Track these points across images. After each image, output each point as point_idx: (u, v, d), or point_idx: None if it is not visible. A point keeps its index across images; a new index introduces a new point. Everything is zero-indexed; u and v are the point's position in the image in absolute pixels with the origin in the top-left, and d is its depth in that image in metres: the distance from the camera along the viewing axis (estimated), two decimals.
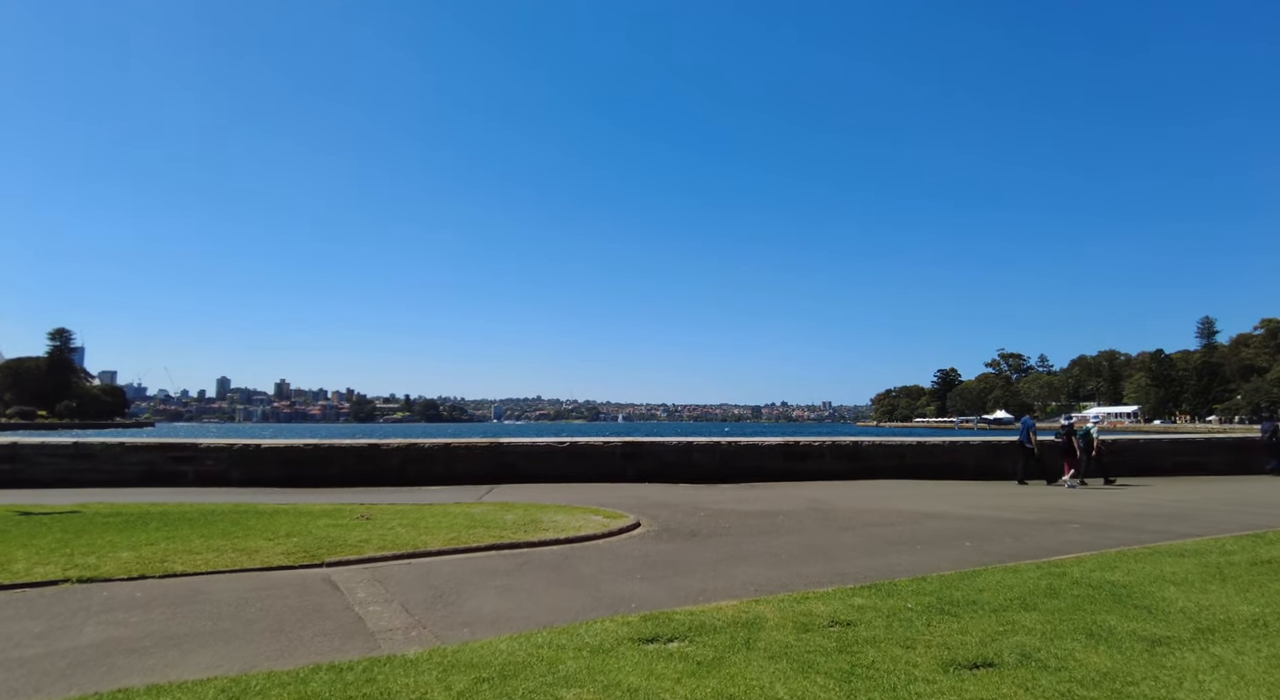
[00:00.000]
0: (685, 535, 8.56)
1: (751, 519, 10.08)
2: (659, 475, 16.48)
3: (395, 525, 8.28)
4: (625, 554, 7.29)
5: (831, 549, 7.72)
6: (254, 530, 7.82)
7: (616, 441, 16.74)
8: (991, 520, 10.13)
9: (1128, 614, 4.33)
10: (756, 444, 17.18)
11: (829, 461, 17.38)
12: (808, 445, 17.46)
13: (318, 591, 5.66)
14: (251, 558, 6.55)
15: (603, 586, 5.83)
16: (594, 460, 16.51)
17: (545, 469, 16.30)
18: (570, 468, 16.38)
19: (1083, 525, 9.58)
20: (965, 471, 17.97)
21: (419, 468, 16.06)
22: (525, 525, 8.49)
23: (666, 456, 16.78)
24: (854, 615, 4.52)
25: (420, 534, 7.73)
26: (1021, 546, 7.94)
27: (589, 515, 9.75)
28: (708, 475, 16.60)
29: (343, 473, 15.87)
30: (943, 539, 8.46)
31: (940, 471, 17.77)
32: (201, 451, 15.89)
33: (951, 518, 10.37)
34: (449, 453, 16.22)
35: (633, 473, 16.52)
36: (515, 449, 16.36)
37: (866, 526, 9.46)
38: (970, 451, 18.24)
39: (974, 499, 12.97)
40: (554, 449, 16.46)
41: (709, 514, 10.58)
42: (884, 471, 17.53)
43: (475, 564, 6.72)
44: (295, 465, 15.93)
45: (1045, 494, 14.20)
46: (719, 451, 16.96)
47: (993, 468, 18.13)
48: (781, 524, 9.60)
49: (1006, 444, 18.61)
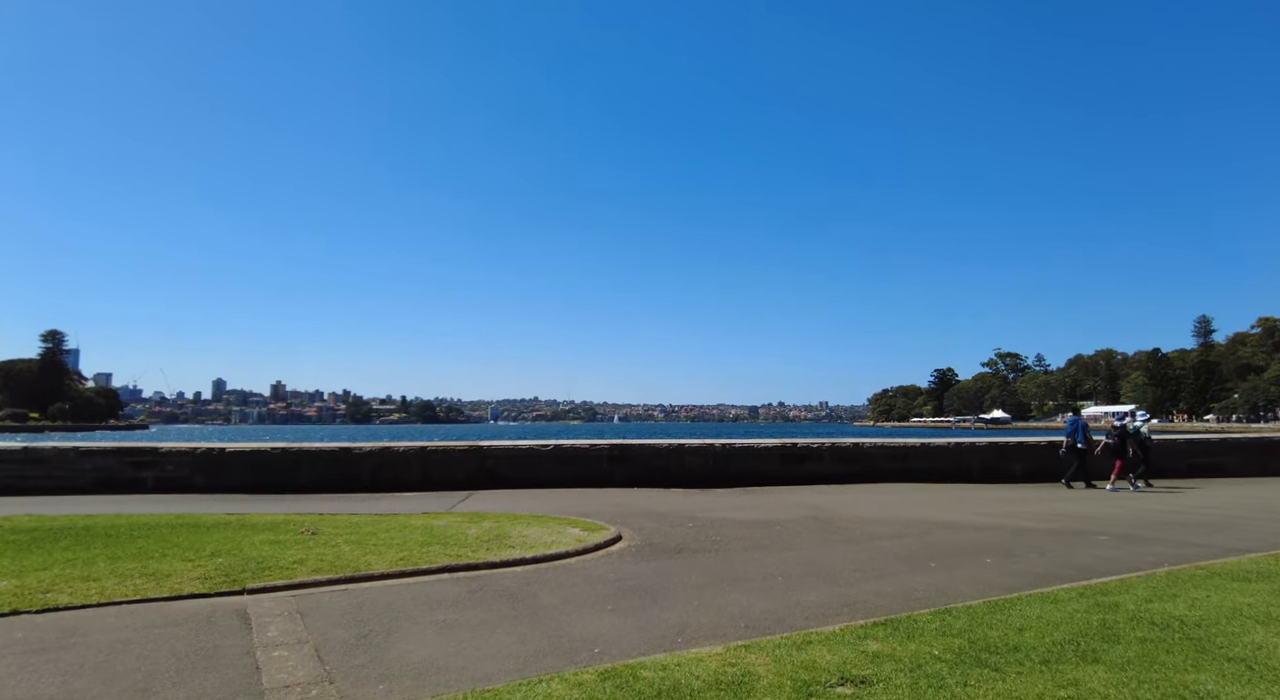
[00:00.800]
0: (670, 551, 7.62)
1: (745, 530, 9.15)
2: (649, 480, 15.54)
3: (342, 542, 7.32)
4: (598, 577, 6.34)
5: (835, 568, 6.78)
6: (177, 548, 6.85)
7: (604, 444, 15.79)
8: (1009, 530, 9.21)
9: (1223, 670, 3.37)
10: (752, 446, 16.26)
11: (828, 464, 16.46)
12: (806, 447, 16.53)
13: (222, 628, 4.70)
14: (160, 584, 5.59)
15: (564, 622, 4.88)
16: (580, 464, 15.56)
17: (527, 474, 15.35)
18: (555, 472, 15.43)
19: (1112, 537, 8.66)
20: (971, 474, 17.06)
21: (392, 473, 15.10)
22: (489, 541, 7.54)
23: (657, 460, 15.84)
24: (868, 668, 3.57)
25: (366, 553, 6.78)
26: (1050, 563, 7.01)
27: (565, 527, 8.81)
28: (701, 479, 15.67)
29: (312, 478, 14.90)
30: (959, 554, 7.53)
31: (945, 474, 16.86)
32: (162, 456, 14.90)
33: (964, 528, 9.45)
34: (424, 457, 15.25)
35: (621, 477, 15.58)
36: (495, 453, 15.41)
37: (872, 539, 8.53)
38: (976, 453, 17.33)
39: (985, 505, 12.05)
40: (537, 453, 15.51)
41: (699, 524, 9.64)
42: (886, 475, 16.62)
43: (421, 591, 5.76)
44: (262, 471, 14.96)
45: (1064, 499, 13.27)
46: (712, 454, 16.02)
47: (1000, 470, 17.23)
48: (778, 536, 8.66)
49: (1014, 445, 17.72)
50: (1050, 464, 17.47)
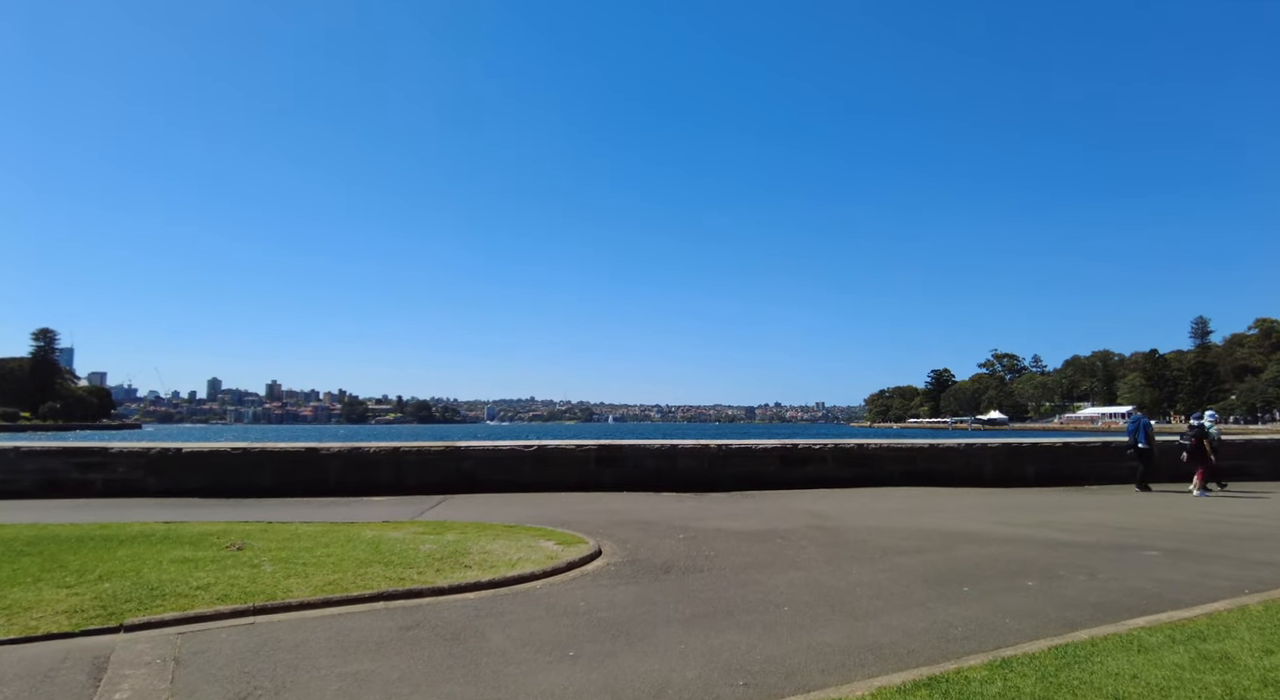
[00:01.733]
0: (656, 571, 6.51)
1: (743, 543, 8.05)
2: (639, 483, 14.44)
3: (268, 560, 6.19)
4: (566, 607, 5.23)
5: (850, 594, 5.69)
6: (63, 570, 5.72)
7: (591, 445, 14.68)
8: (1042, 544, 8.13)
9: None
10: (750, 448, 15.16)
11: (831, 467, 15.38)
12: (807, 448, 15.44)
13: (60, 688, 3.59)
14: (11, 621, 4.46)
15: (510, 677, 3.77)
16: (565, 466, 14.45)
17: (508, 477, 14.23)
18: (537, 475, 14.32)
19: (1163, 553, 7.58)
20: (983, 478, 16.00)
21: (361, 476, 13.97)
22: (444, 559, 6.42)
23: (648, 462, 14.73)
24: None
25: (289, 575, 5.65)
26: (1103, 588, 5.92)
27: (537, 540, 7.69)
28: (695, 483, 14.57)
29: (274, 481, 13.76)
30: (992, 574, 6.44)
31: (955, 478, 15.79)
32: (113, 457, 13.74)
33: (990, 540, 8.37)
34: (396, 459, 14.12)
35: (609, 480, 14.47)
36: (473, 454, 14.28)
37: (888, 554, 7.43)
38: (989, 455, 16.25)
39: (1006, 513, 10.97)
40: (519, 454, 14.40)
41: (691, 536, 8.53)
42: (892, 478, 15.54)
43: (343, 626, 4.64)
44: (222, 473, 13.82)
45: (1089, 506, 12.17)
46: (708, 456, 14.92)
47: (1013, 473, 16.16)
48: (781, 551, 7.57)
49: (1028, 446, 16.64)
50: (1065, 467, 16.44)
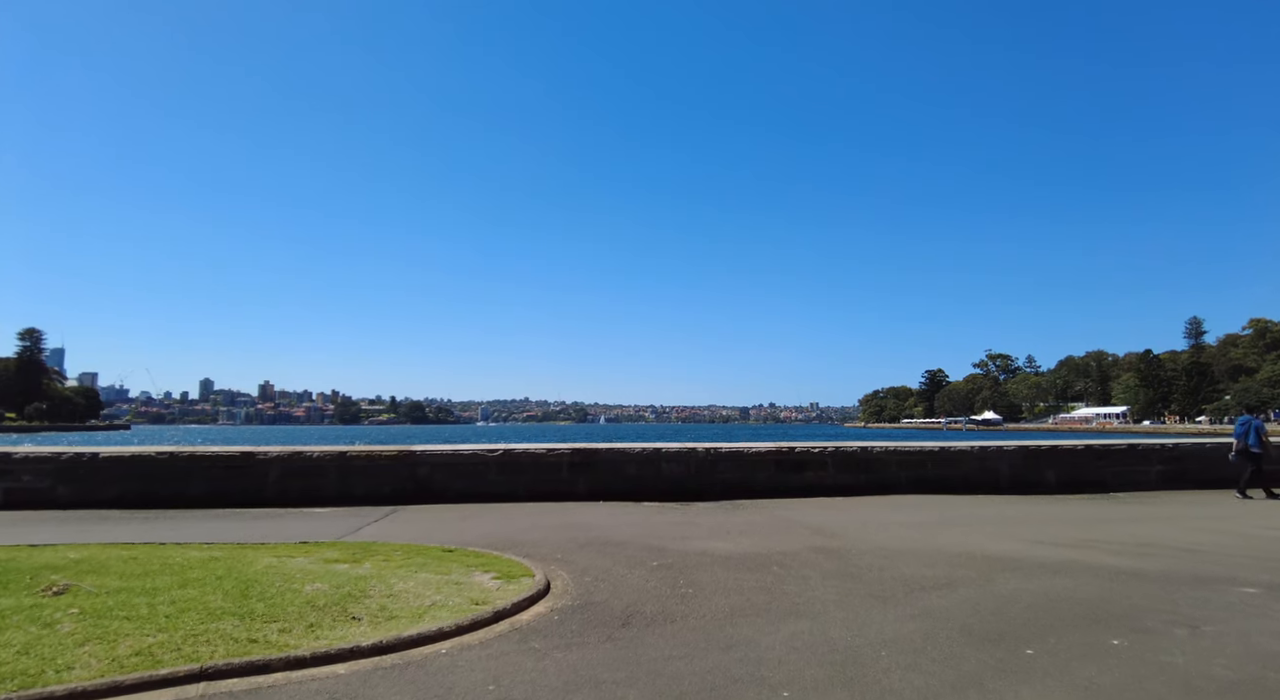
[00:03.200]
0: (611, 623, 4.91)
1: (730, 574, 6.47)
2: (619, 491, 12.85)
3: (78, 612, 4.55)
4: (466, 691, 3.63)
5: (874, 664, 4.11)
6: None
7: (564, 449, 13.07)
8: (1099, 573, 6.57)
9: None
10: (742, 451, 13.58)
11: (832, 473, 13.81)
12: (805, 452, 13.86)
13: None
14: None
15: None
16: (534, 473, 12.85)
17: (469, 484, 12.61)
18: (503, 483, 12.70)
19: (1262, 589, 6.01)
20: (999, 484, 14.45)
21: (303, 484, 12.33)
22: (330, 606, 4.80)
23: (628, 468, 13.14)
24: None
25: (94, 637, 4.02)
26: (1227, 654, 4.33)
27: (472, 573, 6.09)
28: (681, 490, 12.99)
29: (206, 490, 12.12)
30: (1057, 624, 4.88)
31: (969, 484, 14.24)
32: (16, 464, 12.07)
33: (1034, 567, 6.81)
34: (343, 464, 12.49)
35: (584, 488, 12.87)
36: (431, 459, 12.66)
37: (913, 590, 5.87)
38: (1004, 459, 14.70)
39: (1037, 527, 9.42)
40: (482, 460, 12.78)
41: (666, 564, 6.94)
42: (899, 485, 13.99)
43: None
44: (146, 481, 12.17)
45: (1127, 519, 10.59)
46: (695, 460, 13.34)
47: (1031, 479, 14.62)
48: (778, 587, 5.98)
49: (1047, 449, 15.08)
50: (1089, 472, 14.90)
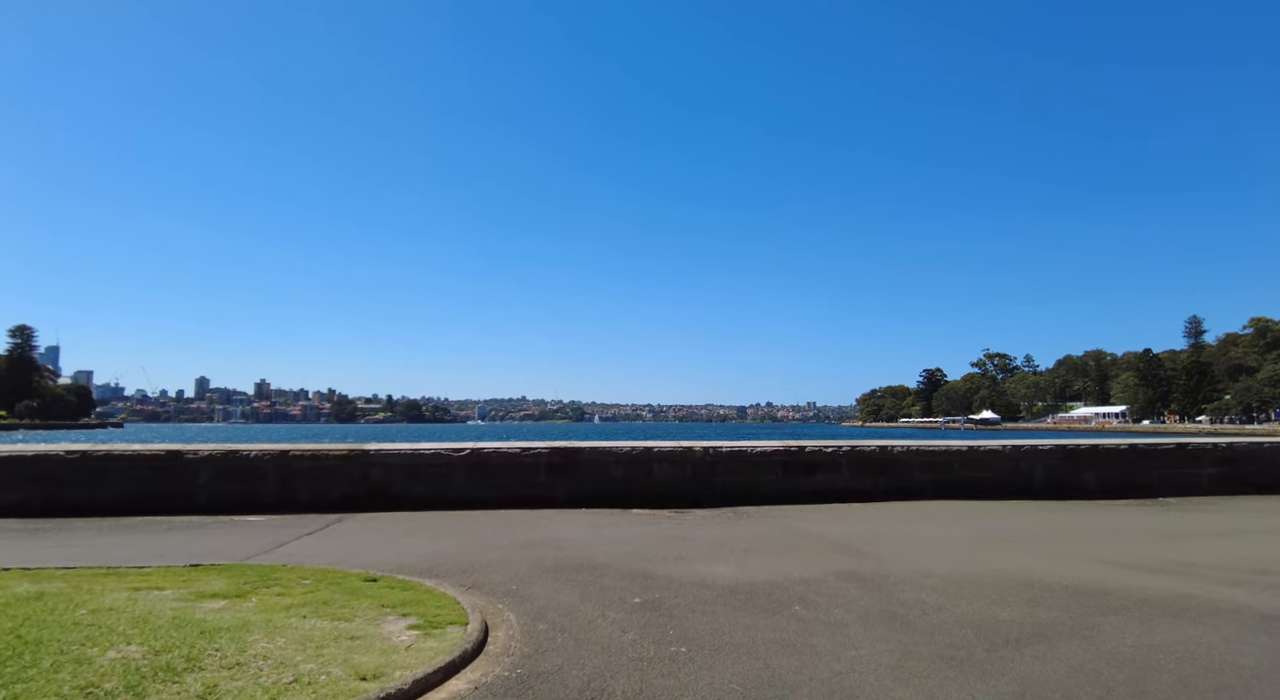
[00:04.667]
0: None
1: (738, 619, 4.84)
2: (603, 497, 11.21)
3: None
4: None
5: None
6: None
7: (541, 448, 11.42)
8: (1233, 615, 4.94)
9: None
10: (744, 451, 11.94)
11: (846, 475, 12.18)
12: (817, 452, 12.22)
13: None
14: None
15: None
16: (507, 475, 11.20)
17: (431, 489, 10.96)
18: (471, 487, 11.05)
19: None
20: (1033, 487, 12.83)
21: (239, 487, 10.67)
22: (116, 694, 3.16)
23: (614, 469, 11.50)
24: None
25: None
26: None
27: (382, 619, 4.43)
28: (674, 496, 11.36)
29: (123, 495, 10.47)
30: None
31: (1000, 488, 12.62)
32: None
33: (1139, 605, 5.18)
34: (285, 465, 10.82)
35: (564, 493, 11.23)
36: (386, 460, 10.99)
37: (996, 647, 4.23)
38: (1039, 459, 13.07)
39: (1103, 542, 7.80)
40: (447, 460, 11.11)
41: (651, 601, 5.29)
42: (922, 489, 12.36)
43: None
44: (53, 484, 10.51)
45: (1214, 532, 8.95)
46: (691, 462, 11.69)
47: (1069, 482, 12.98)
48: (806, 644, 4.35)
49: (1086, 449, 13.44)
50: (1135, 474, 13.28)
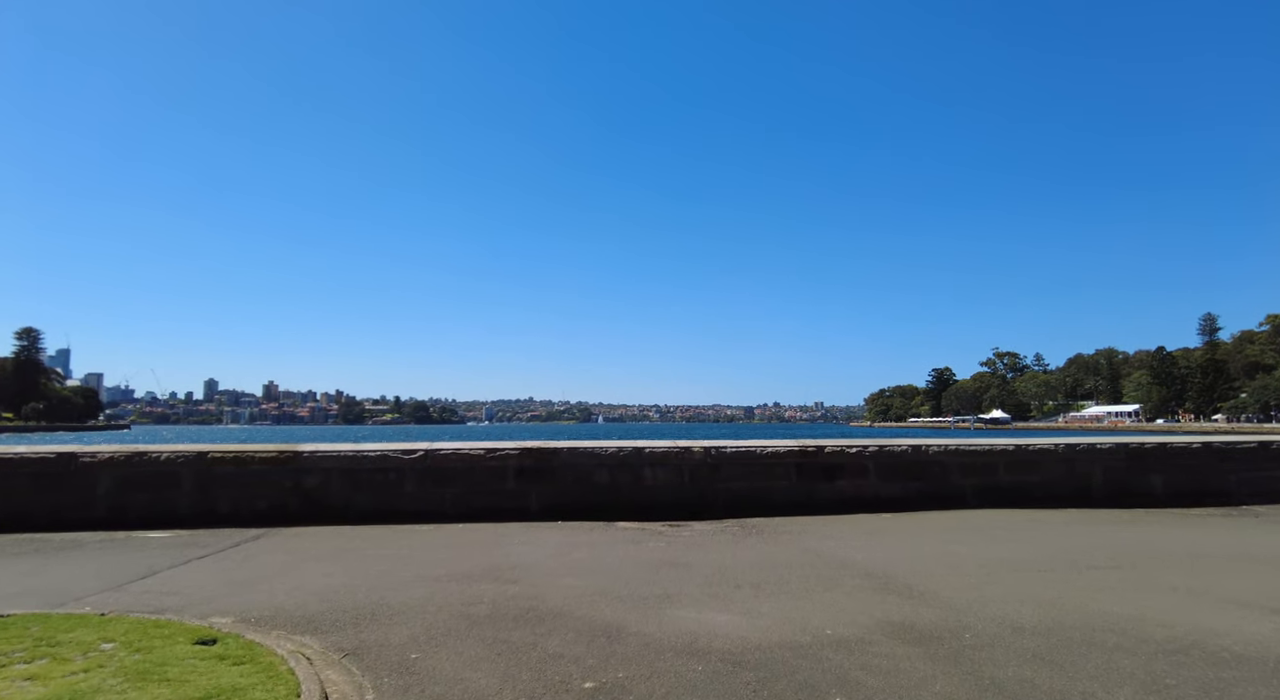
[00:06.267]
0: None
1: None
2: (583, 506, 9.36)
3: None
4: None
5: None
6: None
7: (509, 448, 9.55)
8: None
9: None
10: (752, 451, 10.05)
11: (874, 480, 10.28)
12: (838, 453, 10.31)
13: None
14: None
15: None
16: (468, 482, 9.35)
17: (377, 499, 9.13)
18: (424, 496, 9.22)
19: None
20: (1091, 492, 10.89)
21: (149, 497, 8.87)
22: None
23: (598, 474, 9.63)
24: None
25: None
26: None
27: None
28: (669, 506, 9.51)
29: (3, 505, 8.66)
30: None
31: (1053, 493, 10.69)
32: None
33: None
34: (203, 470, 8.99)
35: (537, 504, 9.39)
36: (324, 463, 9.14)
37: None
38: (1098, 460, 11.10)
39: (1235, 572, 5.89)
40: (395, 464, 9.26)
41: (609, 686, 3.45)
42: (963, 496, 10.46)
43: None
44: None
45: None
46: (690, 464, 9.81)
47: (1135, 487, 11.01)
48: None
49: (1152, 448, 11.46)
50: (1210, 478, 11.31)
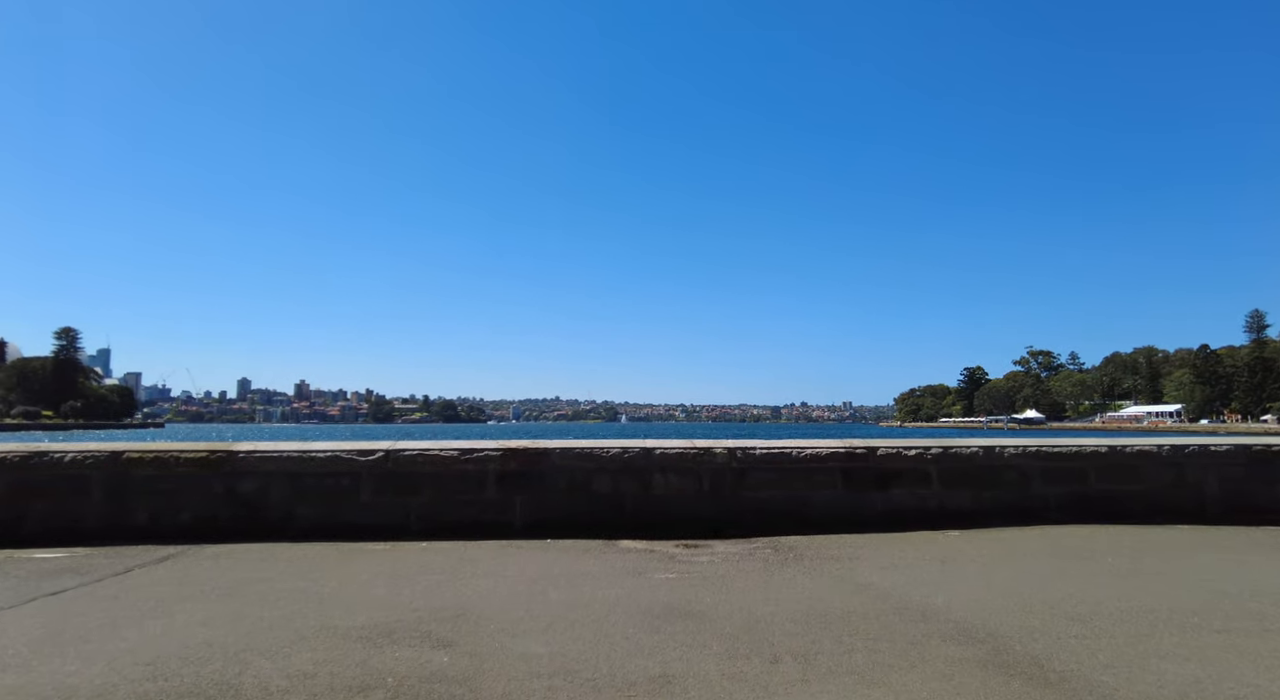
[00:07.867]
0: None
1: None
2: (579, 519, 7.60)
3: None
4: None
5: None
6: None
7: (489, 449, 7.80)
8: None
9: None
10: (786, 454, 8.16)
11: (937, 488, 8.34)
12: (893, 455, 8.37)
13: None
14: None
15: None
16: (436, 490, 7.62)
17: (325, 509, 7.45)
18: (382, 507, 7.52)
19: None
20: (1204, 507, 8.81)
21: (48, 507, 7.29)
22: None
23: (598, 481, 7.84)
24: None
25: None
26: None
27: None
28: (685, 520, 7.70)
29: None
30: None
31: (1157, 507, 8.65)
32: None
33: None
34: (117, 474, 7.38)
35: (522, 516, 7.64)
36: (264, 466, 7.47)
37: None
38: (1212, 465, 8.98)
39: None
40: (348, 467, 7.56)
41: None
42: (1045, 508, 8.48)
43: None
44: None
45: None
46: (711, 469, 7.96)
47: (1259, 500, 8.90)
48: None
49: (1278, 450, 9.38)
50: None
